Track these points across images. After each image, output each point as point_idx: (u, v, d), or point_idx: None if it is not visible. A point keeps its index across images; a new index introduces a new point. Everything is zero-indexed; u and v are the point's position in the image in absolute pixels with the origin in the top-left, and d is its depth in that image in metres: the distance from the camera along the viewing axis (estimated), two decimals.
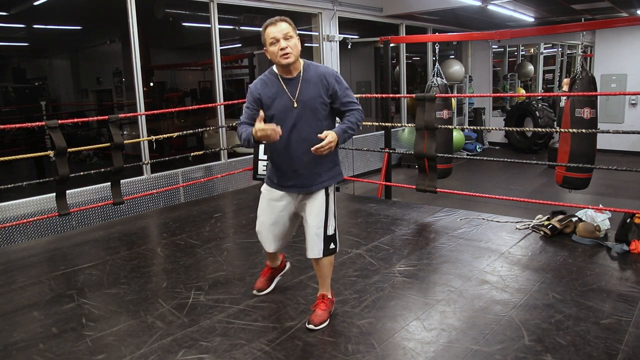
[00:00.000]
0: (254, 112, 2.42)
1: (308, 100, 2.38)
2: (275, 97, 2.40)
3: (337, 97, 2.42)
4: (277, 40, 2.32)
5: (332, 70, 2.48)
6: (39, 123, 4.37)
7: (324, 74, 2.42)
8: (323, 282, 2.61)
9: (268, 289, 2.86)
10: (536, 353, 2.23)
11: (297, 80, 2.40)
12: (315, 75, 2.41)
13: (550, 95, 12.07)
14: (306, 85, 2.39)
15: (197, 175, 6.01)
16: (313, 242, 2.49)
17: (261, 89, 2.42)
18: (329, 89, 2.41)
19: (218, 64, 6.33)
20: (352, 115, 2.43)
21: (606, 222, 3.78)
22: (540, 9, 9.38)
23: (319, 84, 2.40)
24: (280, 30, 2.32)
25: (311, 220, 2.49)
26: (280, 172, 2.50)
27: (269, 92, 2.41)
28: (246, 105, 2.47)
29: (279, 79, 2.42)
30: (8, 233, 4.48)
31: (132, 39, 5.45)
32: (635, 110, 9.81)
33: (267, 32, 2.35)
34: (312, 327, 2.49)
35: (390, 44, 6.27)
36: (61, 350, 2.40)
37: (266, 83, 2.44)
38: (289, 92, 2.39)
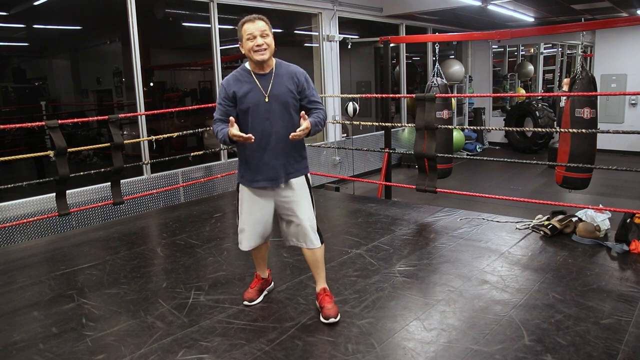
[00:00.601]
0: (227, 108, 2.50)
1: (280, 95, 2.48)
2: (248, 91, 2.48)
3: (305, 95, 2.56)
4: (254, 37, 2.42)
5: (303, 70, 2.61)
6: (39, 123, 4.37)
7: (294, 72, 2.56)
8: (320, 274, 2.67)
9: (258, 299, 2.82)
10: (536, 353, 2.23)
11: (269, 76, 2.50)
12: (286, 72, 2.53)
13: (550, 95, 12.06)
14: (278, 81, 2.50)
15: (197, 175, 6.01)
16: (308, 233, 2.57)
17: (234, 84, 2.50)
18: (298, 85, 2.53)
19: (218, 64, 6.33)
20: (320, 113, 2.56)
21: (606, 222, 3.79)
22: (540, 9, 9.38)
23: (290, 80, 2.52)
24: (257, 28, 2.42)
25: (302, 214, 2.57)
26: (253, 167, 2.54)
27: (242, 87, 2.48)
28: (219, 101, 2.53)
29: (251, 74, 2.50)
30: (8, 233, 4.48)
31: (132, 39, 5.45)
32: (635, 110, 9.81)
33: (244, 28, 2.45)
34: (333, 321, 2.55)
35: (390, 44, 6.26)
36: (61, 350, 2.40)
37: (238, 79, 2.51)
38: (262, 87, 2.48)
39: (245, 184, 2.60)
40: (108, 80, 11.28)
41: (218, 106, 2.53)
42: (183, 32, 10.45)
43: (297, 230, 2.59)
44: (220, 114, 2.51)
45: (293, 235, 2.62)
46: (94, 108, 11.61)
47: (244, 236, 2.66)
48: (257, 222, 2.62)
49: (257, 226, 2.63)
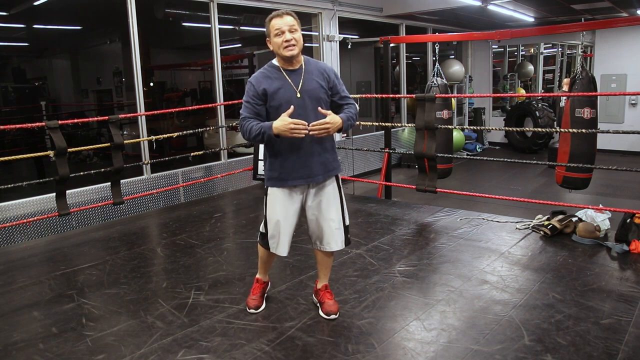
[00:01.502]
0: (257, 107, 2.42)
1: (312, 90, 2.43)
2: (279, 88, 2.41)
3: (336, 90, 2.52)
4: (282, 32, 2.36)
5: (331, 67, 2.58)
6: (39, 123, 4.37)
7: (324, 68, 2.52)
8: (327, 273, 2.68)
9: (263, 305, 2.75)
10: (536, 353, 2.23)
11: (299, 72, 2.45)
12: (316, 68, 2.49)
13: (550, 95, 12.06)
14: (309, 77, 2.45)
15: (197, 175, 6.01)
16: (333, 235, 2.54)
17: (264, 81, 2.42)
18: (329, 81, 2.50)
19: (218, 64, 6.33)
20: (351, 108, 2.51)
21: (606, 222, 3.79)
22: (540, 9, 9.38)
23: (320, 76, 2.48)
24: (285, 23, 2.36)
25: (330, 214, 2.53)
26: (288, 166, 2.46)
27: (273, 83, 2.42)
28: (247, 99, 2.43)
29: (281, 70, 2.45)
30: (8, 233, 4.48)
31: (132, 39, 5.45)
32: (635, 110, 9.81)
33: (272, 24, 2.38)
34: (334, 317, 2.57)
35: (390, 44, 6.26)
36: (61, 350, 2.40)
37: (268, 76, 2.45)
38: (293, 83, 2.42)
39: (277, 185, 2.49)
40: (108, 80, 11.28)
41: (246, 104, 2.43)
42: (183, 32, 10.45)
43: (321, 231, 2.54)
44: (249, 112, 2.42)
45: (317, 236, 2.57)
46: (94, 108, 11.61)
47: (278, 241, 2.54)
48: (290, 225, 2.54)
49: (288, 230, 2.54)
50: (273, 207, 2.53)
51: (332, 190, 2.55)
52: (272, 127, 2.30)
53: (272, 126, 2.30)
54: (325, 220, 2.52)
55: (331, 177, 2.55)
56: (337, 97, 2.52)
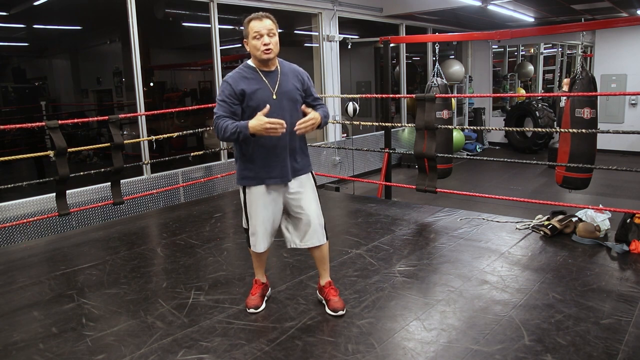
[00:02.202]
0: (234, 106, 2.46)
1: (288, 92, 2.50)
2: (257, 88, 2.47)
3: (310, 93, 2.63)
4: (261, 36, 2.41)
5: (303, 70, 2.67)
6: (39, 123, 4.37)
7: (298, 71, 2.62)
8: (326, 268, 2.72)
9: (262, 306, 2.76)
10: (536, 353, 2.23)
11: (275, 73, 2.52)
12: (290, 70, 2.58)
13: (550, 95, 12.06)
14: (285, 79, 2.53)
15: (197, 175, 6.01)
16: (316, 230, 2.59)
17: (241, 82, 2.47)
18: (303, 84, 2.60)
19: (218, 64, 6.33)
20: (324, 108, 2.63)
21: (606, 222, 3.78)
22: (540, 9, 9.38)
23: (295, 78, 2.57)
24: (264, 26, 2.41)
25: (311, 211, 2.59)
26: (263, 165, 2.51)
27: (251, 84, 2.47)
28: (222, 98, 2.46)
29: (258, 72, 2.50)
30: (8, 233, 4.48)
31: (132, 39, 5.45)
32: (635, 110, 9.81)
33: (250, 26, 2.44)
34: (341, 313, 2.60)
35: (390, 44, 6.26)
36: (61, 350, 2.40)
37: (245, 76, 2.49)
38: (270, 85, 2.49)
39: (252, 183, 2.55)
40: (108, 80, 11.27)
41: (221, 103, 2.45)
42: (183, 32, 10.45)
43: (306, 227, 2.58)
44: (223, 111, 2.44)
45: (301, 233, 2.61)
46: (94, 108, 11.60)
47: (257, 238, 2.60)
48: (268, 222, 2.59)
49: (268, 225, 2.59)
50: (251, 205, 2.60)
51: (310, 187, 2.64)
52: (248, 126, 2.34)
53: (247, 125, 2.35)
54: (307, 216, 2.58)
55: (306, 173, 2.63)
56: (311, 98, 2.62)
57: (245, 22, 2.45)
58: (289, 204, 2.59)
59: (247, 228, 2.66)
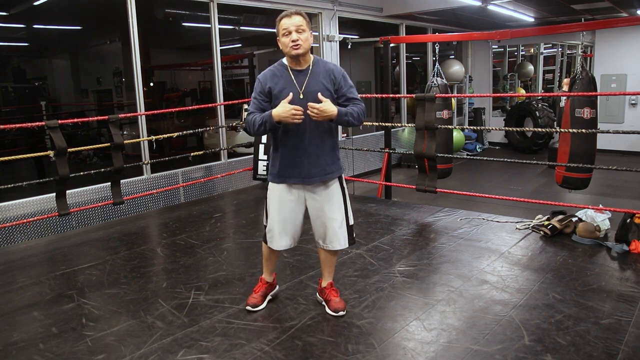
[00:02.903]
0: (264, 103, 2.48)
1: (315, 92, 2.43)
2: (284, 87, 2.46)
3: (342, 92, 2.52)
4: (290, 32, 2.41)
5: (340, 68, 2.59)
6: (39, 123, 4.36)
7: (332, 70, 2.53)
8: (331, 271, 2.72)
9: (262, 305, 2.76)
10: (536, 353, 2.23)
11: (305, 72, 2.48)
12: (323, 69, 2.51)
13: (550, 95, 12.06)
14: (314, 78, 2.48)
15: (197, 175, 6.01)
16: (336, 234, 2.57)
17: (270, 80, 2.48)
18: (335, 83, 2.51)
19: (218, 64, 6.33)
20: (356, 106, 2.51)
21: (606, 222, 3.78)
22: (540, 9, 9.38)
23: (327, 77, 2.50)
24: (293, 23, 2.40)
25: (333, 214, 2.56)
26: (286, 164, 2.51)
27: (278, 82, 2.47)
28: (254, 96, 2.51)
29: (288, 70, 2.49)
30: (8, 233, 4.48)
31: (132, 39, 5.45)
32: (635, 110, 9.81)
33: (281, 23, 2.43)
34: (342, 314, 2.60)
35: (390, 44, 6.26)
36: (61, 350, 2.40)
37: (275, 74, 2.50)
38: (297, 84, 2.46)
39: (276, 181, 2.56)
40: (108, 80, 11.28)
41: (253, 100, 2.50)
42: (183, 32, 10.45)
43: (324, 230, 2.57)
44: (255, 107, 2.48)
45: (320, 235, 2.61)
46: (94, 108, 11.61)
47: (273, 235, 2.59)
48: (287, 221, 2.57)
49: (286, 225, 2.58)
50: (270, 202, 2.61)
51: (336, 190, 2.59)
52: (272, 114, 2.36)
53: (271, 114, 2.36)
54: (328, 219, 2.56)
55: (333, 179, 2.57)
56: (343, 98, 2.52)
57: (277, 20, 2.45)
58: (311, 205, 2.58)
59: (265, 224, 2.66)
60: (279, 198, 2.56)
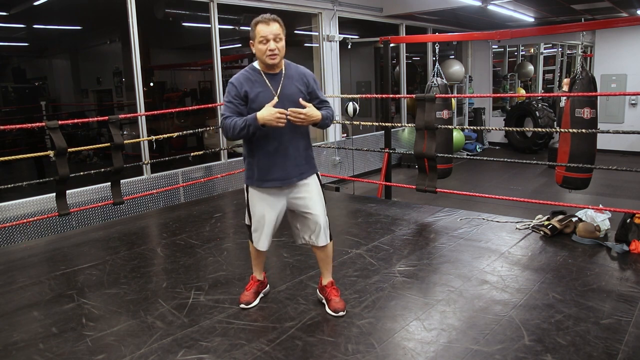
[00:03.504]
0: (240, 107, 2.47)
1: (290, 95, 2.48)
2: (260, 91, 2.47)
3: (315, 95, 2.59)
4: (267, 41, 2.40)
5: (311, 72, 2.65)
6: (39, 124, 4.36)
7: (304, 73, 2.59)
8: (329, 268, 2.73)
9: (255, 302, 2.79)
10: (536, 353, 2.23)
11: (279, 76, 2.51)
12: (296, 73, 2.56)
13: (550, 95, 12.06)
14: (288, 81, 2.51)
15: (197, 175, 6.01)
16: (321, 230, 2.60)
17: (246, 84, 2.48)
18: (308, 86, 2.57)
19: (218, 64, 6.33)
20: (329, 110, 2.59)
21: (606, 222, 3.78)
22: (540, 9, 9.38)
23: (300, 81, 2.54)
24: (271, 32, 2.41)
25: (317, 211, 2.59)
26: (265, 168, 2.53)
27: (254, 87, 2.48)
28: (229, 100, 2.49)
29: (262, 74, 2.50)
30: (8, 233, 4.48)
31: (132, 39, 5.45)
32: (635, 110, 9.81)
33: (258, 29, 2.42)
34: (341, 314, 2.60)
35: (390, 44, 6.26)
36: (61, 350, 2.40)
37: (249, 78, 2.50)
38: (272, 88, 2.48)
39: (255, 184, 2.59)
40: (108, 80, 11.27)
41: (228, 104, 2.48)
42: (183, 32, 10.45)
43: (313, 227, 2.60)
44: (231, 111, 2.46)
45: (307, 232, 2.63)
46: (94, 108, 11.60)
47: (258, 235, 2.64)
48: (269, 223, 2.61)
49: (268, 226, 2.62)
50: (254, 204, 2.64)
51: (315, 187, 2.63)
52: (257, 117, 2.36)
53: (256, 117, 2.36)
54: (312, 216, 2.59)
55: (311, 175, 2.62)
56: (317, 101, 2.57)
57: (252, 23, 2.43)
58: (294, 204, 2.60)
59: (249, 225, 2.70)
60: (259, 200, 2.60)
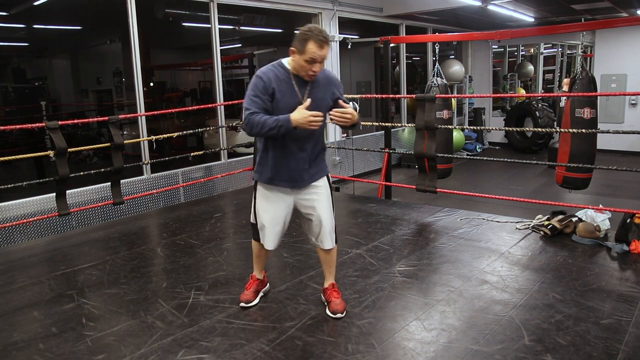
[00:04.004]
0: (267, 103, 2.40)
1: (317, 100, 2.44)
2: (286, 93, 2.42)
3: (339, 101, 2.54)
4: (314, 62, 2.35)
5: (337, 77, 2.63)
6: (39, 124, 4.36)
7: (331, 80, 2.57)
8: (332, 271, 2.73)
9: (254, 301, 2.80)
10: (536, 353, 2.23)
11: (307, 81, 2.45)
12: (324, 78, 2.51)
13: (550, 95, 12.06)
14: (315, 88, 2.47)
15: (197, 175, 6.01)
16: (327, 234, 2.60)
17: (274, 81, 2.41)
18: (334, 93, 2.55)
19: (218, 64, 6.33)
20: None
21: (606, 222, 3.78)
22: (540, 9, 9.38)
23: (327, 87, 2.52)
24: (321, 55, 2.35)
25: (323, 214, 2.58)
26: (277, 168, 2.52)
27: (281, 86, 2.42)
28: (256, 94, 2.39)
29: (291, 76, 2.44)
30: (8, 233, 4.48)
31: (132, 39, 5.45)
32: (635, 110, 9.81)
33: (309, 48, 2.31)
34: (340, 316, 2.60)
35: (390, 44, 6.26)
36: (61, 350, 2.40)
37: (278, 77, 2.43)
38: (299, 92, 2.44)
39: (264, 181, 2.57)
40: (108, 80, 11.28)
41: (254, 99, 2.39)
42: (183, 32, 10.45)
43: (318, 229, 2.59)
44: (257, 107, 2.38)
45: (313, 234, 2.64)
46: (94, 108, 11.61)
47: (265, 234, 2.61)
48: (275, 221, 2.60)
49: (275, 224, 2.60)
50: (258, 201, 2.63)
51: (325, 189, 2.62)
52: (291, 119, 2.32)
53: (289, 119, 2.32)
54: (319, 218, 2.58)
55: (321, 177, 2.61)
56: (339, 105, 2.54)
57: (304, 35, 2.32)
58: (301, 205, 2.59)
59: (254, 223, 2.69)
60: (267, 197, 2.59)
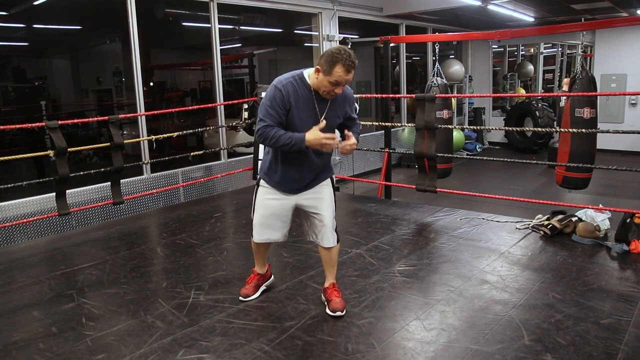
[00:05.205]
0: (283, 117, 2.38)
1: (332, 118, 2.49)
2: (304, 108, 2.41)
3: (349, 115, 2.61)
4: (338, 85, 2.34)
5: (353, 94, 2.63)
6: (39, 124, 4.36)
7: (348, 98, 2.56)
8: (332, 270, 2.74)
9: (254, 295, 2.84)
10: (536, 353, 2.23)
11: (327, 100, 2.45)
12: (342, 96, 2.49)
13: (550, 95, 12.05)
14: (333, 106, 2.49)
15: (197, 175, 6.01)
16: (328, 232, 2.62)
17: (293, 95, 2.38)
18: (347, 112, 2.58)
19: (218, 64, 6.33)
20: (357, 126, 2.67)
21: (606, 222, 3.79)
22: (540, 9, 9.38)
23: (343, 105, 2.54)
24: (346, 79, 2.34)
25: (324, 212, 2.61)
26: (283, 176, 2.56)
27: (299, 101, 2.39)
28: (272, 106, 2.36)
29: (312, 92, 2.41)
30: (8, 233, 4.48)
31: (132, 39, 5.45)
32: (635, 110, 9.81)
33: (336, 71, 2.29)
34: (340, 314, 2.60)
35: (390, 44, 6.26)
36: (61, 350, 2.40)
37: (297, 91, 2.39)
38: (318, 109, 2.44)
39: (271, 184, 2.60)
40: (108, 80, 11.28)
41: (270, 111, 2.36)
42: (183, 32, 10.45)
43: (319, 228, 2.62)
44: (273, 120, 2.36)
45: (314, 232, 2.66)
46: (94, 108, 11.61)
47: (257, 229, 2.67)
48: (272, 217, 2.63)
49: (270, 220, 2.64)
50: (258, 196, 2.66)
51: (328, 188, 2.66)
52: (305, 139, 2.34)
53: (304, 139, 2.34)
54: (321, 217, 2.61)
55: (326, 179, 2.65)
56: (348, 120, 2.62)
57: (333, 57, 2.28)
58: (303, 203, 2.63)
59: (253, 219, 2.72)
60: (267, 194, 2.62)
